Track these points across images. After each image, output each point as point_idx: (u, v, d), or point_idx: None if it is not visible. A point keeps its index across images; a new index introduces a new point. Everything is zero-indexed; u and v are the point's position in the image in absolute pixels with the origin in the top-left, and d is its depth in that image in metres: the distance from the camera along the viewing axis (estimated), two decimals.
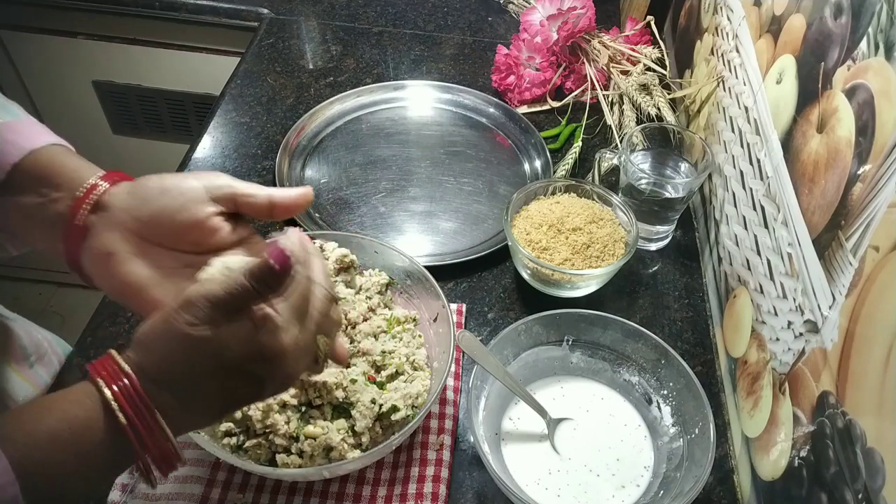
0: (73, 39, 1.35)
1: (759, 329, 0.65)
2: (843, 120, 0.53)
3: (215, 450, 0.55)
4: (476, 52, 1.14)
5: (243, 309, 0.43)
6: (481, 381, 0.64)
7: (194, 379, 0.42)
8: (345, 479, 0.62)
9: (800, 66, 0.63)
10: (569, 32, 1.01)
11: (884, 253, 0.46)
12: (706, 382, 0.70)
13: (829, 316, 0.52)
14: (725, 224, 0.78)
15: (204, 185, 0.49)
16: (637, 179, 0.80)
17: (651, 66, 1.00)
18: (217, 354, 0.42)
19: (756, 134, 0.70)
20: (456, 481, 0.64)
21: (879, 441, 0.44)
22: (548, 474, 0.63)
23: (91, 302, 0.77)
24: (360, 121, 1.00)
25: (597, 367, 0.70)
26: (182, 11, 1.22)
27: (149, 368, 0.41)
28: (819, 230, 0.55)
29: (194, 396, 0.42)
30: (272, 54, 1.10)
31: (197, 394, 0.43)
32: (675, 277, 0.83)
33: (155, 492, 0.60)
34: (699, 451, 0.60)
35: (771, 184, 0.65)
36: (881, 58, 0.49)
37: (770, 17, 0.71)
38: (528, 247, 0.75)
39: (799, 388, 0.55)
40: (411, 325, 0.68)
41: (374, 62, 1.10)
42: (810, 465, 0.52)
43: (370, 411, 0.60)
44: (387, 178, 0.92)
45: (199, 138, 0.95)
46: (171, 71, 1.37)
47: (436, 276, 0.67)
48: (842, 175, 0.52)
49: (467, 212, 0.89)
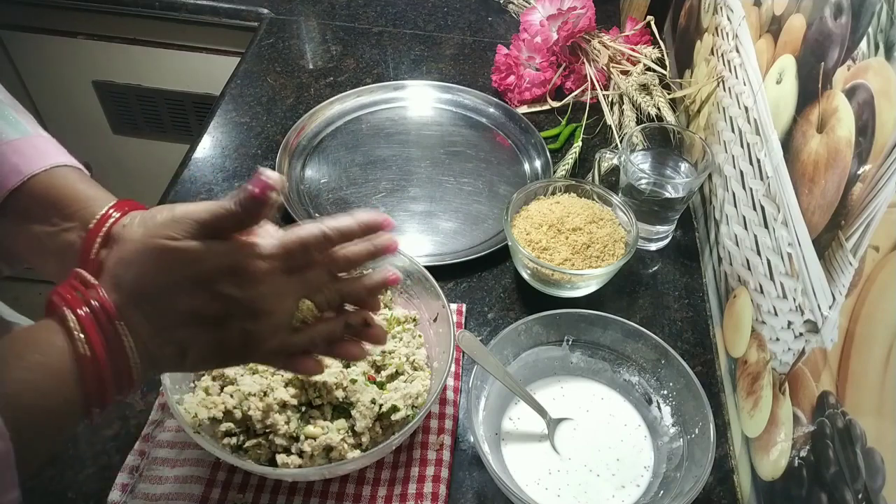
0: (73, 39, 1.35)
1: (759, 329, 0.65)
2: (843, 120, 0.53)
3: (215, 450, 0.55)
4: (476, 52, 1.14)
5: (227, 233, 0.44)
6: (481, 381, 0.64)
7: (167, 290, 0.42)
8: (345, 479, 0.62)
9: (800, 66, 0.63)
10: (569, 32, 1.01)
11: (884, 253, 0.46)
12: (706, 382, 0.70)
13: (829, 316, 0.52)
14: (725, 224, 0.78)
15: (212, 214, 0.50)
16: (637, 179, 0.80)
17: (651, 66, 1.00)
18: (193, 263, 0.42)
19: (756, 134, 0.70)
20: (456, 481, 0.64)
21: (879, 441, 0.44)
22: (548, 474, 0.63)
23: None
24: (360, 121, 1.00)
25: (597, 367, 0.70)
26: (182, 11, 1.22)
27: (124, 283, 0.42)
28: (819, 230, 0.55)
29: (165, 314, 0.43)
30: (272, 54, 1.10)
31: (168, 311, 0.43)
32: (675, 277, 0.83)
33: (155, 492, 0.60)
34: (699, 451, 0.60)
35: (771, 184, 0.65)
36: (881, 58, 0.49)
37: (770, 17, 0.71)
38: (528, 247, 0.75)
39: (799, 388, 0.55)
40: (411, 325, 0.68)
41: (374, 62, 1.10)
42: (810, 465, 0.52)
43: (370, 411, 0.60)
44: (387, 178, 0.92)
45: (199, 138, 0.95)
46: (171, 71, 1.37)
47: (436, 276, 0.67)
48: (842, 175, 0.52)
49: (467, 212, 0.89)
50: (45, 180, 0.50)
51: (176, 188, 0.88)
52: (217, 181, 0.90)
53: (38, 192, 0.49)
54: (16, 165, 0.49)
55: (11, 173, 0.49)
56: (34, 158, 0.50)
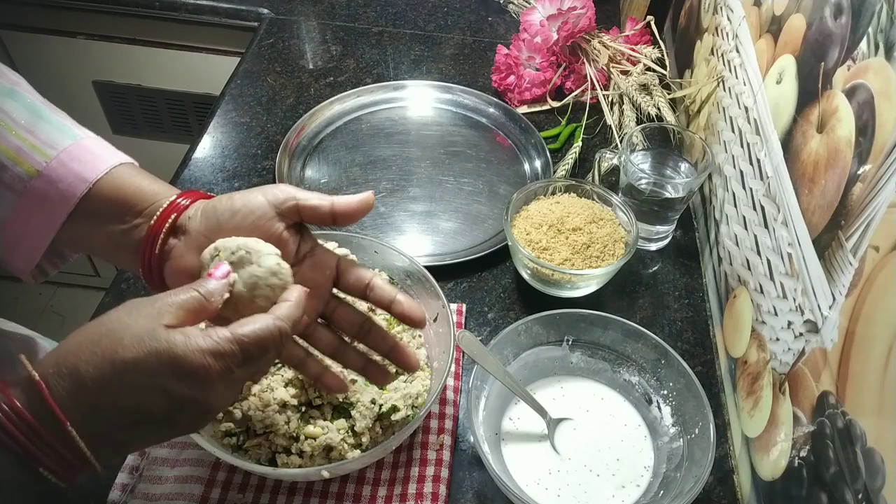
0: (73, 39, 1.35)
1: (759, 329, 0.65)
2: (843, 120, 0.53)
3: (215, 450, 0.55)
4: (476, 52, 1.14)
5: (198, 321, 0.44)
6: (481, 381, 0.64)
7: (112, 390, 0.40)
8: (345, 479, 0.62)
9: (800, 66, 0.63)
10: (569, 32, 1.01)
11: (884, 253, 0.46)
12: (706, 382, 0.70)
13: (829, 316, 0.52)
14: (725, 224, 0.78)
15: (269, 201, 0.52)
16: (637, 179, 0.80)
17: (651, 66, 1.00)
18: (142, 356, 0.40)
19: (756, 134, 0.70)
20: (456, 481, 0.64)
21: (879, 441, 0.44)
22: (548, 474, 0.63)
23: (91, 302, 0.77)
24: (360, 121, 1.00)
25: (597, 367, 0.70)
26: (182, 11, 1.22)
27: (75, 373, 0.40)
28: (819, 230, 0.55)
29: (110, 414, 0.41)
30: (272, 54, 1.10)
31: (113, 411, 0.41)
32: (675, 277, 0.83)
33: (155, 492, 0.60)
34: (699, 451, 0.60)
35: (771, 184, 0.65)
36: (881, 58, 0.49)
37: (770, 17, 0.71)
38: (528, 247, 0.75)
39: (799, 388, 0.55)
40: None
41: (374, 62, 1.10)
42: (810, 465, 0.52)
43: (370, 411, 0.60)
44: (387, 178, 0.92)
45: (199, 138, 0.95)
46: (171, 71, 1.37)
47: (436, 276, 0.67)
48: (842, 175, 0.52)
49: (467, 212, 0.89)
50: (109, 182, 0.53)
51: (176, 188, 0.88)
52: (217, 181, 0.90)
53: (107, 194, 0.53)
54: (79, 173, 0.52)
55: (77, 181, 0.52)
56: (93, 163, 0.53)
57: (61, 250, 0.57)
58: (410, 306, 0.55)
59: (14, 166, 0.52)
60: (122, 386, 0.40)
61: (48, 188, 0.52)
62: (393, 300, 0.54)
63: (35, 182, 0.52)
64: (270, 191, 0.52)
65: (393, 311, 0.55)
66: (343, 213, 0.53)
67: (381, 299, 0.55)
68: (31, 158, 0.52)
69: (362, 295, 0.55)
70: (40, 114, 0.55)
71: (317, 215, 0.53)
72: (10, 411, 0.39)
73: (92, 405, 0.40)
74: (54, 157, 0.53)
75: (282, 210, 0.52)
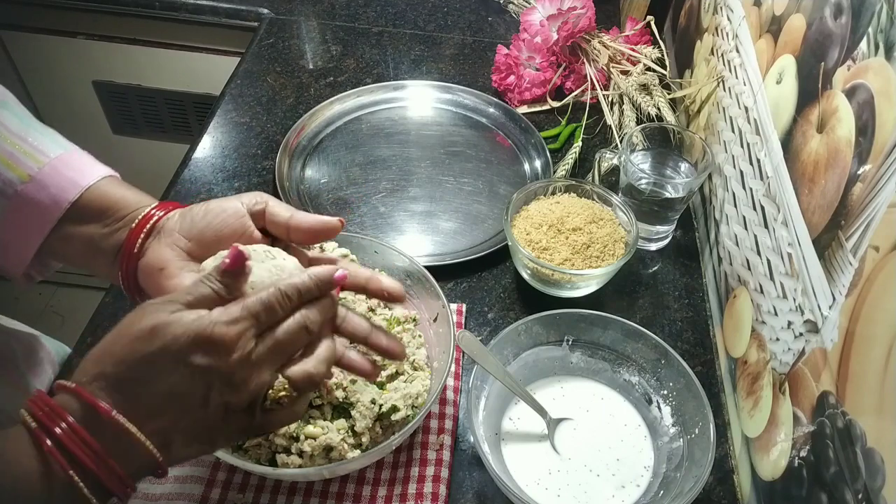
0: (73, 39, 1.35)
1: (759, 329, 0.65)
2: (843, 120, 0.53)
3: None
4: (476, 52, 1.14)
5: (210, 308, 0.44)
6: (481, 381, 0.64)
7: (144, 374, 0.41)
8: (345, 479, 0.62)
9: (800, 66, 0.63)
10: (569, 32, 1.01)
11: (884, 253, 0.46)
12: (706, 382, 0.70)
13: (829, 316, 0.52)
14: (725, 224, 0.78)
15: (243, 202, 0.54)
16: (637, 179, 0.80)
17: (651, 66, 1.00)
18: (162, 339, 0.41)
19: (756, 134, 0.70)
20: (456, 481, 0.64)
21: (879, 441, 0.44)
22: (548, 474, 0.63)
23: (91, 302, 0.77)
24: (360, 121, 1.00)
25: (597, 367, 0.70)
26: (182, 11, 1.22)
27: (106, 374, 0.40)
28: (819, 230, 0.55)
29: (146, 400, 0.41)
30: (272, 54, 1.10)
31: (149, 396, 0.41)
32: (675, 277, 0.83)
33: (155, 492, 0.60)
34: (699, 451, 0.60)
35: (771, 184, 0.65)
36: (881, 58, 0.49)
37: (770, 17, 0.71)
38: (528, 247, 0.75)
39: (799, 388, 0.56)
40: (411, 325, 0.68)
41: (374, 62, 1.10)
42: (810, 465, 0.52)
43: (370, 411, 0.60)
44: (387, 178, 0.92)
45: (199, 138, 0.95)
46: (171, 71, 1.37)
47: (436, 276, 0.67)
48: (842, 175, 0.52)
49: (467, 212, 0.89)
50: (98, 189, 0.56)
51: (176, 188, 0.88)
52: (217, 181, 0.90)
53: (94, 200, 0.55)
54: (72, 179, 0.55)
55: (70, 186, 0.55)
56: (84, 171, 0.56)
57: (44, 258, 0.58)
58: (386, 280, 0.54)
59: (6, 171, 0.54)
60: (151, 373, 0.41)
61: (39, 193, 0.54)
62: (368, 277, 0.53)
63: (27, 187, 0.54)
64: (246, 195, 0.54)
65: (370, 289, 0.53)
66: (297, 229, 0.53)
67: (356, 279, 0.53)
68: (25, 164, 0.54)
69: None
70: (31, 124, 0.57)
71: (274, 224, 0.54)
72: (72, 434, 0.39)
73: (133, 401, 0.41)
74: (47, 163, 0.55)
75: (252, 211, 0.53)
